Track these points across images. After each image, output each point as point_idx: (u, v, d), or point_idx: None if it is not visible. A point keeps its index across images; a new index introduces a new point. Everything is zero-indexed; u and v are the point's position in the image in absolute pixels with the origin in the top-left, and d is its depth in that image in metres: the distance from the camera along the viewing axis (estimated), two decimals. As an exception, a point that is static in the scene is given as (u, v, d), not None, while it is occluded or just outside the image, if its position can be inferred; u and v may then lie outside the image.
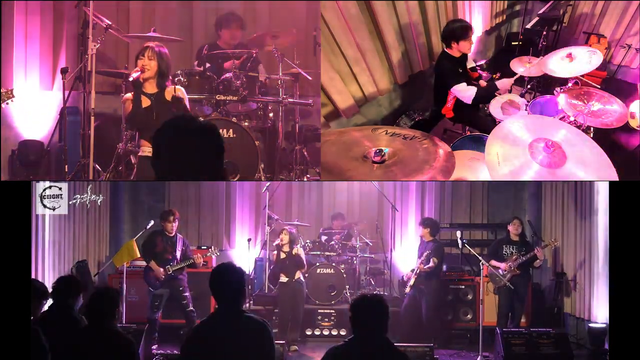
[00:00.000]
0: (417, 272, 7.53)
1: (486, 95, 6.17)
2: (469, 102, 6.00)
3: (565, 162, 4.31)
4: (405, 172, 4.25)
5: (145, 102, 5.49)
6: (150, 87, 5.53)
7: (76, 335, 3.98)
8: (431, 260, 7.48)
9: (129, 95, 5.54)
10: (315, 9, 6.77)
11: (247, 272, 4.32)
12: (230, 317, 3.22)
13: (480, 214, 9.46)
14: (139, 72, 5.45)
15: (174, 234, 7.25)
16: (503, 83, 6.17)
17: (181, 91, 5.55)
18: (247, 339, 3.17)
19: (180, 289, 7.18)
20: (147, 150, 5.37)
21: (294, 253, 7.66)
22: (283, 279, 7.70)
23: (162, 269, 7.08)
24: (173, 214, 7.25)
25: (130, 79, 5.45)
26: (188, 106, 5.62)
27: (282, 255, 7.69)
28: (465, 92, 5.98)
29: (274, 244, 7.77)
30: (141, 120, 5.41)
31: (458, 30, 6.03)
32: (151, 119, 5.32)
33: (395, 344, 3.32)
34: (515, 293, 7.32)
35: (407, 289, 7.61)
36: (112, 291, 4.04)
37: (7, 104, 5.77)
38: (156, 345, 7.01)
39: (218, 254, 7.86)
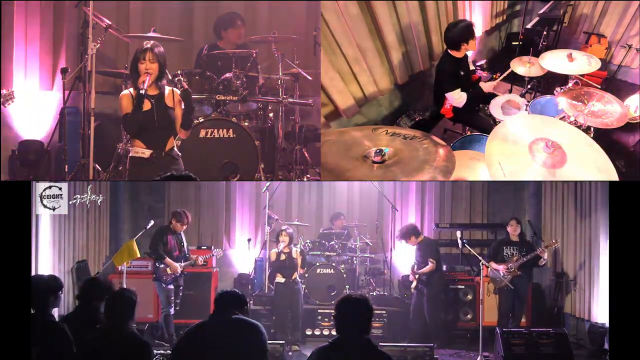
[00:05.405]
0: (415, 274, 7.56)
1: (475, 99, 6.33)
2: (460, 106, 6.21)
3: (566, 162, 4.31)
4: (405, 172, 4.26)
5: (146, 105, 5.39)
6: (151, 90, 5.42)
7: (94, 336, 3.97)
8: (429, 261, 7.48)
9: (127, 92, 5.31)
10: (316, 9, 6.77)
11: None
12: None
13: (480, 214, 9.44)
14: (148, 77, 5.17)
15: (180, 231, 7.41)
16: (485, 86, 6.38)
17: (178, 95, 5.46)
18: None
19: (180, 287, 7.31)
20: (139, 151, 5.30)
21: (293, 254, 7.67)
22: (280, 279, 7.68)
23: (178, 265, 7.19)
24: (187, 219, 7.34)
25: (144, 90, 5.15)
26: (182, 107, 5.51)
27: (282, 257, 7.69)
28: (457, 100, 6.15)
29: (279, 247, 7.73)
30: (141, 123, 5.31)
31: (466, 30, 6.04)
32: (152, 122, 5.25)
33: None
34: (516, 293, 7.32)
35: (412, 290, 7.63)
36: (129, 292, 4.02)
37: (8, 105, 5.78)
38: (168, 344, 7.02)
39: (222, 254, 7.85)
